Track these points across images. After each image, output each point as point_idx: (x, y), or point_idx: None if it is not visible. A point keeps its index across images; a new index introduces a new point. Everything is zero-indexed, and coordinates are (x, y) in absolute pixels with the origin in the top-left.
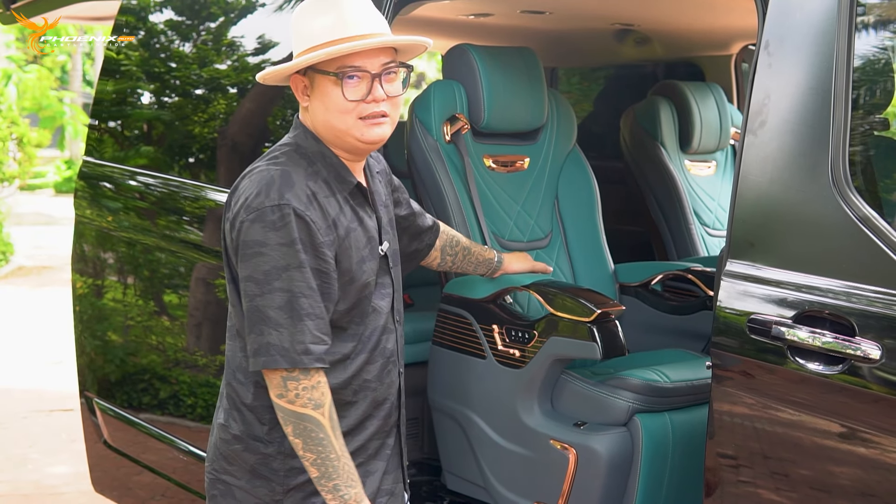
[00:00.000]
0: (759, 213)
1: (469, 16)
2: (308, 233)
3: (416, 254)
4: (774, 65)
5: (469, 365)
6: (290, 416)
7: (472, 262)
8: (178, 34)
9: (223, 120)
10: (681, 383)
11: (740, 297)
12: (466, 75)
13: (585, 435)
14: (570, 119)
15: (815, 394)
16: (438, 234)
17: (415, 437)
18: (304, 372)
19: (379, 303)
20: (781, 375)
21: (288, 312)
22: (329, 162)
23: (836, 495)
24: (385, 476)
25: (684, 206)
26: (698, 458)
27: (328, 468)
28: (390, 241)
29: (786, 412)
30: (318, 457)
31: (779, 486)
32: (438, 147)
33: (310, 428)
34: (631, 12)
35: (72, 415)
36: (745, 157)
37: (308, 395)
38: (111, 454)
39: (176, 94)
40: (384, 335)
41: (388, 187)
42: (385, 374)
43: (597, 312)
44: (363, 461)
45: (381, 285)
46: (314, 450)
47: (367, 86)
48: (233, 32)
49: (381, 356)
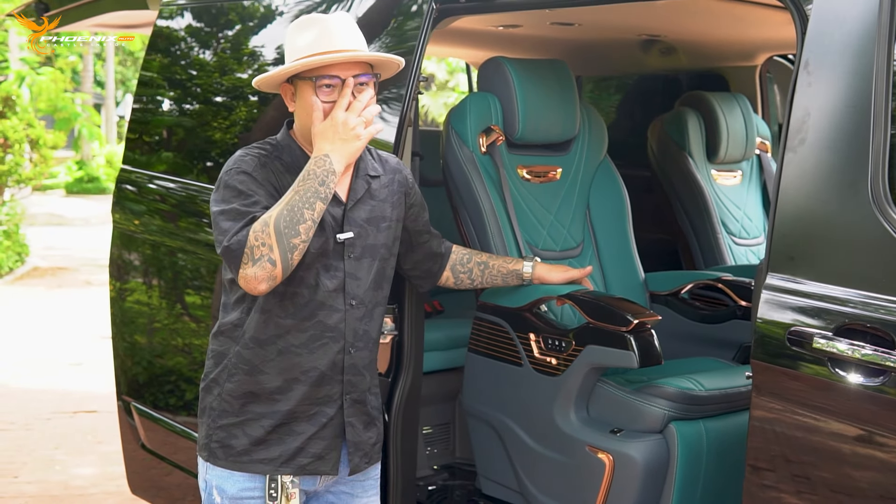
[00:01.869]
0: (798, 228)
1: (498, 27)
2: (248, 178)
3: (431, 274)
4: (814, 83)
5: (505, 372)
6: (255, 247)
7: (495, 275)
8: (207, 42)
9: (243, 126)
10: (715, 391)
11: (780, 309)
12: (501, 88)
13: (622, 442)
14: (601, 130)
15: (855, 405)
16: (448, 257)
17: (445, 442)
18: (251, 264)
19: (324, 281)
20: (821, 387)
21: (233, 216)
22: (293, 153)
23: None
24: (313, 440)
25: (712, 216)
26: (731, 465)
27: (294, 207)
28: (360, 234)
29: (826, 423)
30: (287, 204)
31: (817, 496)
32: (474, 158)
33: (266, 221)
34: (658, 23)
35: (96, 416)
36: (784, 174)
37: (264, 265)
38: (147, 456)
39: (203, 100)
40: (323, 311)
41: (400, 196)
42: (318, 346)
43: (634, 322)
44: (287, 421)
45: (330, 267)
46: (280, 213)
47: (342, 93)
48: (253, 42)
49: (314, 328)
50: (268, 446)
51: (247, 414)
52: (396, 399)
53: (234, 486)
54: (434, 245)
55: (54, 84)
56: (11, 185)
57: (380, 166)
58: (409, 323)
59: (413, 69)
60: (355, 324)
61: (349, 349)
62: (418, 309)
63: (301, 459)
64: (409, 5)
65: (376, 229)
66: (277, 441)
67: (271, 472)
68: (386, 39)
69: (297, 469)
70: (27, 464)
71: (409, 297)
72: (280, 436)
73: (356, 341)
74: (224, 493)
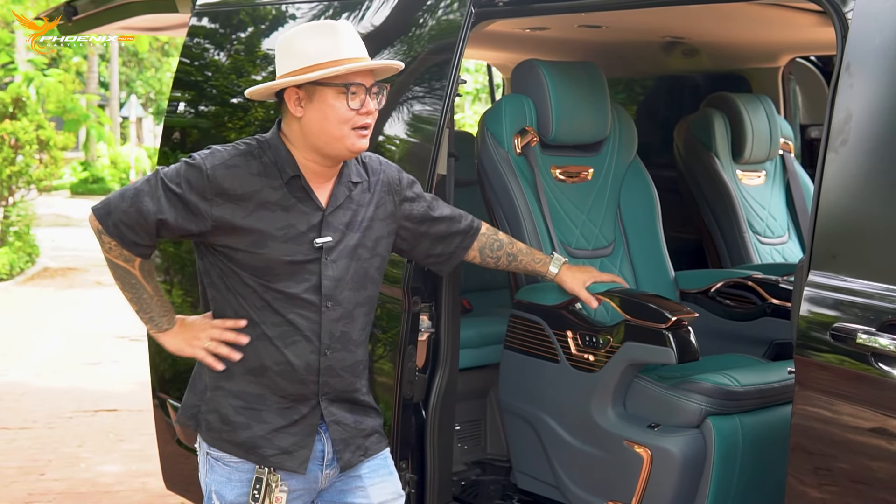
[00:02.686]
0: (840, 227)
1: (525, 29)
2: (200, 177)
3: (446, 256)
4: (856, 85)
5: (542, 368)
6: (109, 264)
7: (521, 268)
8: (242, 44)
9: (258, 127)
10: (750, 387)
11: (823, 306)
12: (535, 90)
13: (660, 436)
14: (631, 131)
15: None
16: (475, 237)
17: (476, 438)
18: (108, 234)
19: (299, 283)
20: (865, 381)
21: (133, 196)
22: (277, 154)
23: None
24: (279, 432)
25: (738, 215)
26: (765, 460)
27: (142, 304)
28: (338, 239)
29: (869, 417)
30: (133, 295)
31: (860, 490)
32: (510, 159)
33: (122, 274)
34: (684, 25)
35: (117, 415)
36: (826, 174)
37: (119, 251)
38: (183, 453)
39: (234, 102)
40: (294, 311)
41: (383, 195)
42: (289, 342)
43: (672, 319)
44: (256, 408)
45: (305, 270)
46: (129, 290)
47: (362, 99)
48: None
49: (286, 325)
50: (235, 428)
51: (218, 389)
52: (433, 395)
53: (231, 491)
54: (445, 226)
55: (62, 85)
56: (22, 186)
57: (363, 171)
58: (446, 321)
59: (452, 71)
60: (331, 325)
61: (325, 350)
62: (454, 307)
63: (266, 450)
64: (447, 9)
65: (355, 232)
66: (245, 426)
67: (241, 456)
68: (424, 42)
69: (261, 459)
70: (52, 461)
71: (445, 295)
72: (247, 420)
73: (332, 342)
74: (223, 499)
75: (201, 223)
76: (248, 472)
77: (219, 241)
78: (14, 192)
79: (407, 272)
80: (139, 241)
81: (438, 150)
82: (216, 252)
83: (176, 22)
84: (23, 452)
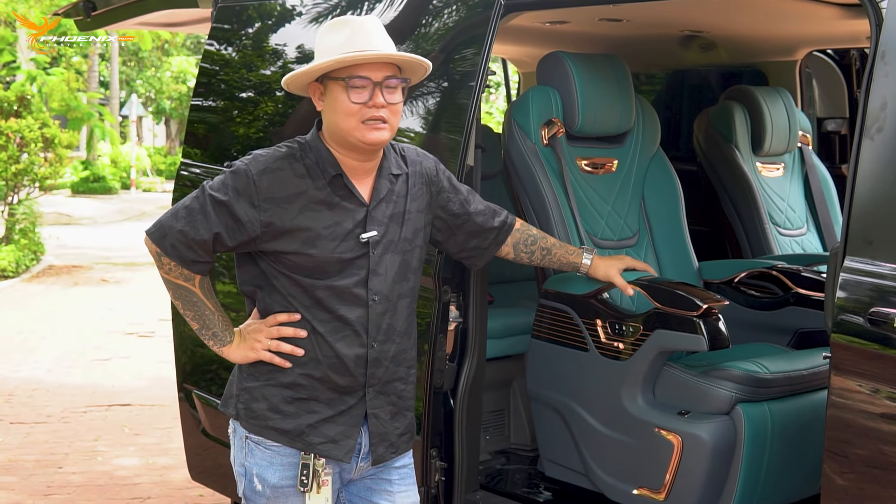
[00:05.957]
0: (876, 213)
1: (545, 23)
2: (246, 184)
3: (480, 251)
4: (891, 74)
5: (571, 357)
6: (168, 285)
7: (554, 262)
8: (267, 41)
9: (271, 121)
10: (780, 374)
11: (860, 291)
12: (562, 82)
13: (691, 423)
14: (654, 123)
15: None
16: (509, 232)
17: (500, 428)
18: (168, 255)
19: (346, 279)
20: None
21: (186, 215)
22: (319, 154)
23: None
24: (327, 422)
25: (759, 207)
26: (794, 446)
27: (205, 321)
28: (383, 232)
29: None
30: (195, 314)
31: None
32: (537, 150)
33: (183, 294)
34: (703, 19)
35: (130, 409)
36: (861, 161)
37: (179, 271)
38: (209, 443)
39: (259, 98)
40: (344, 305)
41: (421, 186)
42: (340, 337)
43: (703, 307)
44: (305, 398)
45: (352, 265)
46: (190, 308)
47: (370, 92)
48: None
49: (335, 320)
50: (283, 417)
51: (270, 380)
52: (462, 384)
53: (274, 474)
54: (480, 221)
55: (66, 84)
56: (27, 185)
57: (403, 163)
58: (474, 311)
59: (482, 64)
60: (378, 318)
61: (372, 343)
62: (482, 297)
63: (313, 438)
64: (477, 2)
65: (398, 225)
66: (294, 415)
67: (287, 444)
68: (454, 35)
69: (307, 447)
70: (69, 455)
71: (473, 286)
72: (297, 409)
73: (378, 335)
74: (266, 482)
75: (252, 229)
76: (288, 455)
77: (269, 247)
78: (19, 191)
79: (437, 262)
80: (198, 259)
81: (468, 142)
82: (265, 257)
83: (196, 17)
84: (39, 446)
